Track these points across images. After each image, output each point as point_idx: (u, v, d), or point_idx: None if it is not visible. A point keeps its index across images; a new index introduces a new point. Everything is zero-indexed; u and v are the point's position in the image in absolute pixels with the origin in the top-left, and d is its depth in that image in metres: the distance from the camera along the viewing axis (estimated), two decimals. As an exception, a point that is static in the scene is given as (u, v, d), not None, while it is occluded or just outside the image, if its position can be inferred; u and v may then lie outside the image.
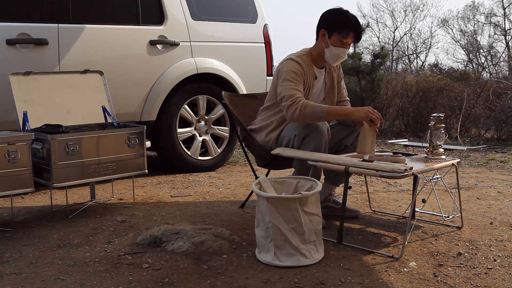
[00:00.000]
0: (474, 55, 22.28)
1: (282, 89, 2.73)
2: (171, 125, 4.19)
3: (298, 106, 2.63)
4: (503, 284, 2.06)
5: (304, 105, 2.63)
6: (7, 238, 2.61)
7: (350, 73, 8.30)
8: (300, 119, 2.65)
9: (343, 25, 2.77)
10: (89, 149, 2.93)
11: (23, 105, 3.06)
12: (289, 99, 2.67)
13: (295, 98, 2.67)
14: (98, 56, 3.81)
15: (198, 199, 3.46)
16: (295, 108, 2.64)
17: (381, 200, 3.41)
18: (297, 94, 2.69)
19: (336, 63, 2.89)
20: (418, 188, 2.67)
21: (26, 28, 3.52)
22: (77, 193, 3.58)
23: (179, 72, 4.18)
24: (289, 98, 2.67)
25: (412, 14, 23.70)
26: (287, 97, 2.68)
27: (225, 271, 2.17)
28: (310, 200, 2.23)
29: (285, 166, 3.07)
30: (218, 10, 4.55)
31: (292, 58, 2.80)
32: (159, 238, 2.47)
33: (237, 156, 5.32)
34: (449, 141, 6.41)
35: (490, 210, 3.14)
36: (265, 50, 4.73)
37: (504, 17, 21.12)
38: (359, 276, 2.12)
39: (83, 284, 2.04)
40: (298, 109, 2.63)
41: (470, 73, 12.57)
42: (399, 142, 3.50)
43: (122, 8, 4.06)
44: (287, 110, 2.67)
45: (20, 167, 2.71)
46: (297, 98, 2.66)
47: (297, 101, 2.65)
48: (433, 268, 2.22)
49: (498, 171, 4.52)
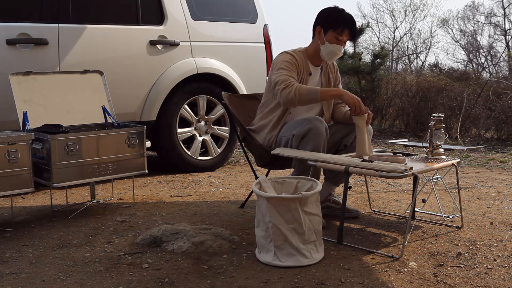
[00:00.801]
0: (474, 55, 22.28)
1: (276, 76, 2.78)
2: (171, 125, 4.19)
3: (293, 88, 2.68)
4: (503, 284, 2.06)
5: (299, 87, 2.69)
6: (7, 238, 2.61)
7: (350, 73, 8.30)
8: (295, 101, 2.69)
9: (338, 22, 2.81)
10: (89, 149, 2.93)
11: (23, 105, 3.06)
12: (283, 83, 2.72)
13: (289, 82, 2.72)
14: (98, 56, 3.81)
15: (198, 199, 3.46)
16: (290, 90, 2.68)
17: (381, 200, 3.41)
18: (291, 79, 2.74)
19: (331, 60, 2.93)
20: (418, 188, 2.67)
21: (26, 28, 3.52)
22: (77, 193, 3.58)
23: (179, 72, 4.18)
24: (283, 82, 2.72)
25: (412, 14, 23.73)
26: (281, 81, 2.74)
27: (225, 271, 2.17)
28: (310, 200, 2.23)
29: (285, 166, 3.07)
30: (218, 10, 4.55)
31: (286, 51, 2.88)
32: (159, 238, 2.47)
33: (237, 156, 5.32)
34: (449, 141, 6.41)
35: (490, 210, 3.14)
36: (265, 50, 4.73)
37: (504, 17, 21.13)
38: (359, 276, 2.12)
39: (83, 284, 2.04)
40: (293, 91, 2.67)
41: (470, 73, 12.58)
42: (399, 142, 3.50)
43: (122, 8, 4.06)
44: (281, 92, 2.71)
45: (20, 167, 2.71)
46: (291, 82, 2.72)
47: (291, 84, 2.71)
48: (433, 268, 2.22)
49: (498, 171, 4.52)
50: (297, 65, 2.83)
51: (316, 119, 2.68)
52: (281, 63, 2.81)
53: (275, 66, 2.84)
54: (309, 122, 2.67)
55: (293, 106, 2.79)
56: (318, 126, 2.65)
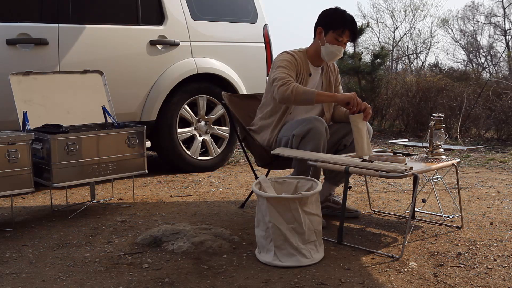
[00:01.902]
0: (474, 55, 22.26)
1: (274, 73, 2.79)
2: (171, 125, 4.19)
3: (290, 86, 2.68)
4: (503, 284, 2.06)
5: (296, 86, 2.69)
6: (7, 238, 2.61)
7: (350, 73, 8.30)
8: (291, 99, 2.69)
9: (339, 23, 2.81)
10: (89, 149, 2.93)
11: (23, 105, 3.06)
12: (281, 80, 2.72)
13: (287, 80, 2.72)
14: (98, 56, 3.81)
15: (198, 199, 3.46)
16: (287, 87, 2.68)
17: (381, 200, 3.41)
18: (289, 78, 2.74)
19: (331, 61, 2.94)
20: (418, 188, 2.67)
21: (26, 28, 3.52)
22: (77, 193, 3.58)
23: (179, 72, 4.18)
24: (281, 79, 2.72)
25: (412, 14, 23.70)
26: (279, 78, 2.74)
27: (225, 271, 2.17)
28: (310, 200, 2.23)
29: (285, 166, 3.07)
30: (218, 10, 4.55)
31: (286, 51, 2.89)
32: (159, 238, 2.47)
33: (237, 156, 5.32)
34: (449, 141, 6.41)
35: (490, 210, 3.14)
36: (265, 50, 4.73)
37: (504, 17, 21.11)
38: (359, 276, 2.12)
39: (83, 284, 2.04)
40: (290, 89, 2.67)
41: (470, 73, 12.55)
42: (399, 142, 3.50)
43: (122, 8, 4.06)
44: (278, 89, 2.71)
45: (20, 167, 2.71)
46: (289, 80, 2.72)
47: (289, 82, 2.71)
48: (433, 268, 2.22)
49: (498, 171, 4.52)
50: (297, 65, 2.84)
51: (316, 119, 2.68)
52: (281, 62, 2.82)
53: (274, 65, 2.85)
54: (309, 122, 2.67)
55: (288, 104, 2.79)
56: (318, 126, 2.65)
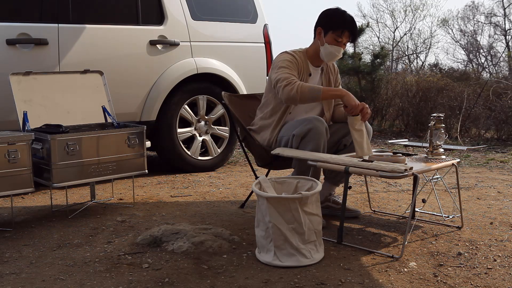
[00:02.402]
0: (474, 55, 22.26)
1: (277, 74, 2.78)
2: (171, 125, 4.19)
3: (295, 85, 2.68)
4: (503, 284, 2.06)
5: (301, 84, 2.69)
6: (7, 238, 2.61)
7: (350, 73, 8.30)
8: (297, 98, 2.68)
9: (338, 24, 2.81)
10: (89, 149, 2.93)
11: (23, 105, 3.06)
12: (285, 80, 2.72)
13: (291, 79, 2.72)
14: (98, 56, 3.81)
15: (198, 199, 3.46)
16: (292, 87, 2.68)
17: (381, 200, 3.41)
18: (292, 77, 2.74)
19: (331, 61, 2.94)
20: (418, 188, 2.67)
21: (26, 28, 3.52)
22: (77, 193, 3.58)
23: (179, 72, 4.18)
24: (285, 79, 2.72)
25: (412, 14, 23.70)
26: (283, 78, 2.73)
27: (225, 271, 2.17)
28: (310, 200, 2.23)
29: (285, 166, 3.07)
30: (218, 10, 4.55)
31: (286, 51, 2.88)
32: (159, 238, 2.48)
33: (237, 156, 5.32)
34: (449, 141, 6.41)
35: (490, 210, 3.14)
36: (265, 50, 4.73)
37: (504, 17, 21.11)
38: (359, 276, 2.12)
39: (83, 284, 2.04)
40: (295, 88, 2.67)
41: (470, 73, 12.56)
42: (399, 142, 3.50)
43: (122, 8, 4.06)
44: (283, 89, 2.71)
45: (20, 167, 2.71)
46: (293, 80, 2.72)
47: (294, 81, 2.71)
48: (433, 268, 2.22)
49: (498, 171, 4.52)
50: (298, 65, 2.83)
51: (316, 119, 2.68)
52: (282, 62, 2.81)
53: (275, 65, 2.84)
54: (309, 122, 2.67)
55: (294, 103, 2.79)
56: (318, 126, 2.65)
